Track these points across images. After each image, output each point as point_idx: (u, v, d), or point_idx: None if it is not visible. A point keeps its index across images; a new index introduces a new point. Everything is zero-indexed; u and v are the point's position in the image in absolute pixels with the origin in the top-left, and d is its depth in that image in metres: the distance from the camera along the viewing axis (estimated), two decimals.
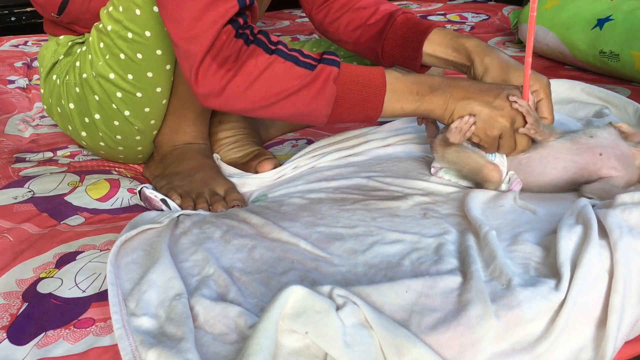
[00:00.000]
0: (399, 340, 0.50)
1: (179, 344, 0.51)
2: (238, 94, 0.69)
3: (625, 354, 0.54)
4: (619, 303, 0.53)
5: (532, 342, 0.52)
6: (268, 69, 0.68)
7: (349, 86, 0.72)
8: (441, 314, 0.53)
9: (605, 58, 1.30)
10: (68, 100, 0.91)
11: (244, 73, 0.68)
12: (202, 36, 0.66)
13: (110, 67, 0.84)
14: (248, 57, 0.68)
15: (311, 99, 0.70)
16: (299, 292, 0.53)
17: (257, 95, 0.69)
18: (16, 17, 2.32)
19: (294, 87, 0.69)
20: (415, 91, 0.74)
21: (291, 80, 0.69)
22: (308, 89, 0.69)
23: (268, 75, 0.68)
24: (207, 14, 0.66)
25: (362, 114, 0.74)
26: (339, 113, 0.73)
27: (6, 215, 0.78)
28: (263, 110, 0.71)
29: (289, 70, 0.69)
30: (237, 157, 0.97)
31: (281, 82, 0.69)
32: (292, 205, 0.78)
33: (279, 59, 0.69)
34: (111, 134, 0.91)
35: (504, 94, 0.74)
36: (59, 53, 0.94)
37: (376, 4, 0.96)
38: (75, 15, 0.90)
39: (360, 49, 0.97)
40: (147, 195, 0.81)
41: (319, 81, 0.70)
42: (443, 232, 0.68)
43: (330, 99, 0.71)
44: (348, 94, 0.72)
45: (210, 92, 0.69)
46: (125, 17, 0.81)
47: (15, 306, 0.62)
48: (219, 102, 0.70)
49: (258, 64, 0.68)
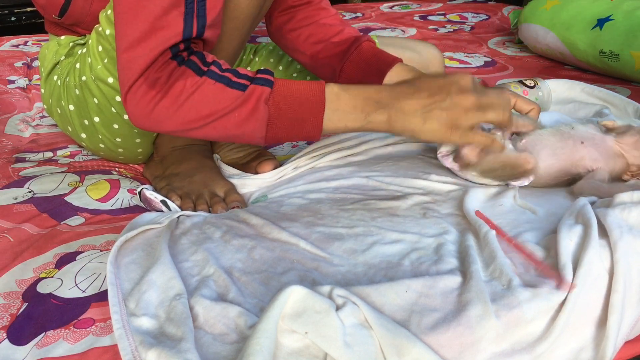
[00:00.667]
0: (399, 340, 0.50)
1: (179, 344, 0.51)
2: (167, 116, 0.67)
3: (625, 354, 0.54)
4: (619, 303, 0.53)
5: (532, 342, 0.52)
6: (197, 90, 0.66)
7: (282, 106, 0.68)
8: (441, 314, 0.53)
9: (605, 58, 1.30)
10: (68, 102, 0.91)
11: (172, 95, 0.66)
12: (140, 59, 0.65)
13: (108, 71, 0.84)
14: (177, 79, 0.66)
15: (242, 121, 0.68)
16: (299, 292, 0.53)
17: (187, 117, 0.67)
18: (16, 17, 2.32)
19: (225, 110, 0.67)
20: (360, 108, 0.69)
21: (221, 102, 0.67)
22: (239, 111, 0.67)
23: (197, 97, 0.66)
24: (150, 39, 0.65)
25: (302, 133, 0.70)
26: (275, 133, 0.69)
27: (6, 215, 0.79)
28: (194, 131, 0.69)
29: (219, 92, 0.67)
30: (237, 158, 0.97)
31: (211, 104, 0.67)
32: (291, 206, 0.78)
33: (209, 80, 0.67)
34: (111, 137, 0.91)
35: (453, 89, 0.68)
36: (60, 54, 0.94)
37: (342, 24, 0.96)
38: (76, 18, 0.90)
39: (316, 64, 0.95)
40: (147, 197, 0.81)
41: (249, 103, 0.67)
42: (443, 232, 0.68)
43: (262, 120, 0.68)
44: (283, 114, 0.68)
45: (140, 114, 0.67)
46: None
47: (15, 306, 0.62)
48: (148, 123, 0.68)
49: (187, 86, 0.66)
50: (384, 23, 2.03)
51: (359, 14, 2.20)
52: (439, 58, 1.19)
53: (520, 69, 1.46)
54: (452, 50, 1.63)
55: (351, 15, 2.19)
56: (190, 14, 0.67)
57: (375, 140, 0.94)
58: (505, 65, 1.49)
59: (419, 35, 1.83)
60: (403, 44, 1.17)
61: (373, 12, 2.24)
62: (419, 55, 1.16)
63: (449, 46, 1.68)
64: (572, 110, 1.05)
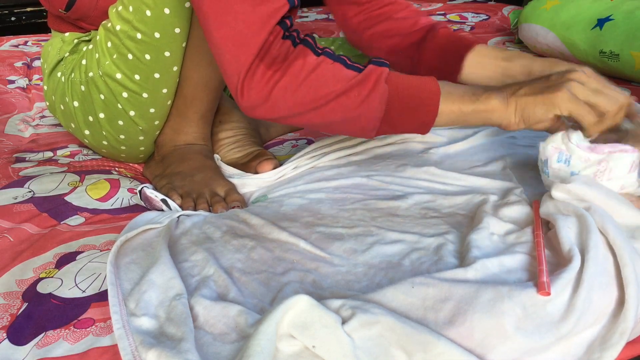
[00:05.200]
0: (423, 336, 0.50)
1: (179, 344, 0.51)
2: (285, 97, 0.65)
3: (626, 354, 0.54)
4: (632, 275, 0.54)
5: (555, 322, 0.51)
6: (316, 69, 0.65)
7: (401, 89, 0.67)
8: (454, 302, 0.53)
9: (605, 58, 1.30)
10: (72, 98, 0.92)
11: (291, 73, 0.64)
12: (253, 38, 0.63)
13: (117, 67, 0.84)
14: (295, 58, 0.65)
15: (362, 100, 0.66)
16: (306, 302, 0.52)
17: (305, 97, 0.65)
18: (16, 17, 2.32)
19: (344, 88, 0.65)
20: (471, 92, 0.68)
21: (341, 80, 0.65)
22: (359, 89, 0.66)
23: (316, 76, 0.65)
24: (257, 12, 0.63)
25: (416, 118, 0.68)
26: (391, 117, 0.67)
27: (6, 215, 0.78)
28: (310, 114, 0.66)
29: (338, 71, 0.66)
30: (237, 158, 0.97)
31: (330, 83, 0.65)
32: (291, 206, 0.78)
33: (327, 59, 0.66)
34: (115, 134, 0.91)
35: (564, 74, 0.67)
36: (64, 50, 0.94)
37: (416, 15, 0.93)
38: (83, 12, 0.90)
39: (395, 57, 0.93)
40: (148, 195, 0.81)
41: (370, 81, 0.65)
42: (443, 232, 0.68)
43: (382, 99, 0.66)
44: (401, 96, 0.67)
45: (257, 97, 0.65)
46: (135, 17, 0.81)
47: (15, 306, 0.62)
48: (263, 109, 0.66)
49: (306, 65, 0.65)
50: None
51: None
52: None
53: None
54: None
55: None
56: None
57: (376, 140, 0.94)
58: None
59: None
60: None
61: None
62: None
63: None
64: None
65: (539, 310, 0.52)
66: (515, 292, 0.53)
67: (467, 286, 0.54)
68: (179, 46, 0.83)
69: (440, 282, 0.55)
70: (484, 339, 0.51)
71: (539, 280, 0.54)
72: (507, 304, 0.52)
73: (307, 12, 2.26)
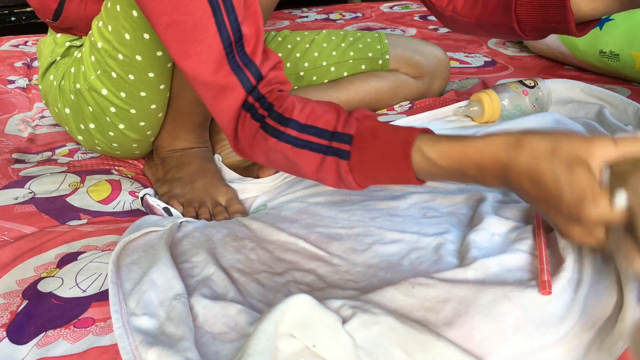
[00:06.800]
0: (424, 336, 0.50)
1: (179, 343, 0.52)
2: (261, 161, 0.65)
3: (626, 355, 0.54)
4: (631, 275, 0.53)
5: (555, 322, 0.51)
6: (275, 153, 0.62)
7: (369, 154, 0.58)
8: (454, 303, 0.53)
9: (605, 58, 1.30)
10: (64, 105, 0.91)
11: (258, 152, 0.63)
12: (227, 127, 0.64)
13: (102, 83, 0.82)
14: (259, 141, 0.62)
15: (334, 183, 0.61)
16: (306, 301, 0.52)
17: (276, 166, 0.64)
18: (16, 17, 2.32)
19: (310, 174, 0.61)
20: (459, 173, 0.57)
21: (305, 168, 0.61)
22: (324, 177, 0.61)
23: (275, 157, 0.62)
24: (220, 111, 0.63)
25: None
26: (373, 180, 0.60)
27: (7, 215, 0.79)
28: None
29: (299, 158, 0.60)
30: (239, 161, 0.96)
31: (288, 165, 0.63)
32: (291, 210, 0.78)
33: (285, 145, 0.60)
34: (107, 142, 0.90)
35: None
36: (56, 53, 0.93)
37: None
38: (71, 22, 0.88)
39: (487, 25, 0.81)
40: (150, 203, 0.81)
41: (331, 175, 0.60)
42: (443, 232, 0.68)
43: (352, 185, 0.60)
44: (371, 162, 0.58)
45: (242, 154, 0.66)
46: (114, 38, 0.78)
47: (15, 304, 0.62)
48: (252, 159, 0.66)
49: (269, 147, 0.61)
50: (384, 23, 2.03)
51: (359, 14, 2.20)
52: (445, 61, 1.18)
53: (520, 69, 1.46)
54: (452, 50, 1.63)
55: (351, 15, 2.19)
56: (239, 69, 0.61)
57: None
58: (505, 65, 1.49)
59: (419, 35, 1.83)
60: (410, 46, 1.16)
61: (373, 12, 2.24)
62: (426, 58, 1.16)
63: (449, 46, 1.68)
64: (572, 111, 1.05)
65: (539, 311, 0.52)
66: (515, 293, 0.53)
67: (467, 287, 0.54)
68: (164, 67, 0.81)
69: (440, 282, 0.55)
70: (483, 340, 0.51)
71: (540, 279, 0.54)
72: (507, 305, 0.52)
73: (307, 12, 2.26)
